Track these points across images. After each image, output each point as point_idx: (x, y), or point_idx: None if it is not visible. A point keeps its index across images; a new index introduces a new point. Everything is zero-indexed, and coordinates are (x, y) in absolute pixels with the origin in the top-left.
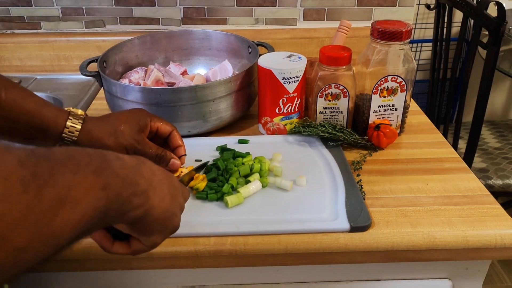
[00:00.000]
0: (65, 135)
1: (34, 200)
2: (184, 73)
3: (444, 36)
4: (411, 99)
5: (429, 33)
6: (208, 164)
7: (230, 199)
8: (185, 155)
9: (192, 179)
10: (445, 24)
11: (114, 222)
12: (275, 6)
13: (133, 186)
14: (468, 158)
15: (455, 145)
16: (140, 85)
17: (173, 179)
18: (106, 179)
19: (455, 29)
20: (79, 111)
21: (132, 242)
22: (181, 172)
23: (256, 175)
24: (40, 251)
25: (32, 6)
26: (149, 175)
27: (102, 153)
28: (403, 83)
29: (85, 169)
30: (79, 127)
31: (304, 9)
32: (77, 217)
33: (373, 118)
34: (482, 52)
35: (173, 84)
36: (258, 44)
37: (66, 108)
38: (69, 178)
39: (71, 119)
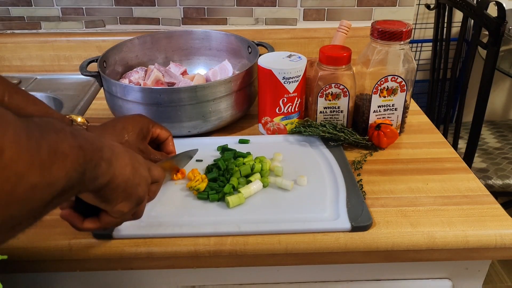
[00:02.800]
0: None
1: (36, 147)
2: (184, 73)
3: (444, 36)
4: (411, 99)
5: (429, 33)
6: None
7: (231, 199)
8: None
9: (177, 171)
10: (445, 24)
11: (88, 186)
12: (275, 6)
13: (100, 151)
14: (468, 158)
15: (455, 145)
16: (140, 85)
17: (134, 153)
18: (80, 141)
19: (455, 29)
20: (79, 118)
21: (101, 216)
22: (196, 178)
23: (257, 175)
24: (46, 192)
25: (32, 6)
26: (110, 145)
27: (68, 125)
28: (403, 83)
29: (63, 131)
30: None
31: (304, 9)
32: (67, 167)
33: (373, 118)
34: (482, 52)
35: (173, 84)
36: (258, 44)
37: (67, 116)
38: (54, 136)
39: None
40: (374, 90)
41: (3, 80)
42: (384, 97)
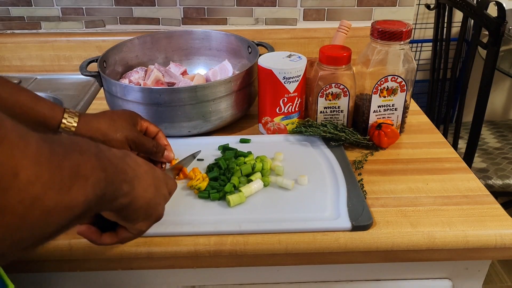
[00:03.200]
0: (64, 125)
1: (57, 169)
2: (184, 73)
3: (444, 36)
4: (411, 99)
5: (429, 33)
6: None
7: (232, 198)
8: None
9: (180, 171)
10: (445, 24)
11: (107, 206)
12: (275, 6)
13: (123, 174)
14: (468, 158)
15: (455, 145)
16: (140, 85)
17: (157, 170)
18: (104, 163)
19: (455, 29)
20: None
21: (118, 231)
22: (197, 177)
23: (258, 174)
24: (62, 217)
25: (32, 6)
26: (134, 166)
27: (96, 143)
28: (403, 83)
29: (88, 152)
30: (76, 119)
31: (304, 9)
32: (87, 191)
33: (373, 118)
34: (482, 52)
35: (173, 84)
36: (258, 44)
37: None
38: (78, 157)
39: (67, 113)
40: (374, 90)
41: None
42: (384, 97)
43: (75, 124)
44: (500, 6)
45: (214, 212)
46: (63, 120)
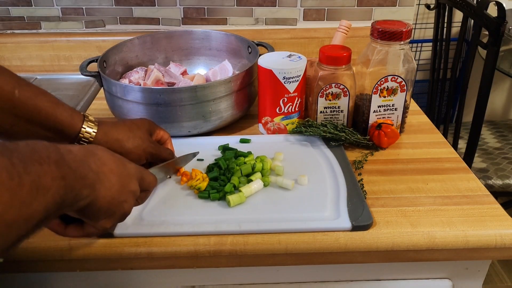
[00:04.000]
0: (82, 135)
1: (18, 186)
2: (184, 73)
3: (444, 36)
4: (411, 99)
5: (429, 33)
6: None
7: (232, 198)
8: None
9: (177, 170)
10: (445, 24)
11: (66, 210)
12: (275, 6)
13: (83, 179)
14: (468, 158)
15: (455, 145)
16: (140, 85)
17: (128, 166)
18: (63, 170)
19: (455, 29)
20: (90, 117)
21: (84, 225)
22: (197, 177)
23: (258, 174)
24: (22, 228)
25: (32, 6)
26: (98, 166)
27: (56, 147)
28: (403, 83)
29: (47, 161)
30: (96, 129)
31: (304, 9)
32: (47, 201)
33: (373, 118)
34: (482, 52)
35: (173, 84)
36: (258, 44)
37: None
38: (38, 168)
39: (87, 121)
40: (374, 90)
41: (13, 75)
42: (384, 97)
43: (94, 134)
44: (500, 6)
45: (214, 212)
46: (82, 130)
